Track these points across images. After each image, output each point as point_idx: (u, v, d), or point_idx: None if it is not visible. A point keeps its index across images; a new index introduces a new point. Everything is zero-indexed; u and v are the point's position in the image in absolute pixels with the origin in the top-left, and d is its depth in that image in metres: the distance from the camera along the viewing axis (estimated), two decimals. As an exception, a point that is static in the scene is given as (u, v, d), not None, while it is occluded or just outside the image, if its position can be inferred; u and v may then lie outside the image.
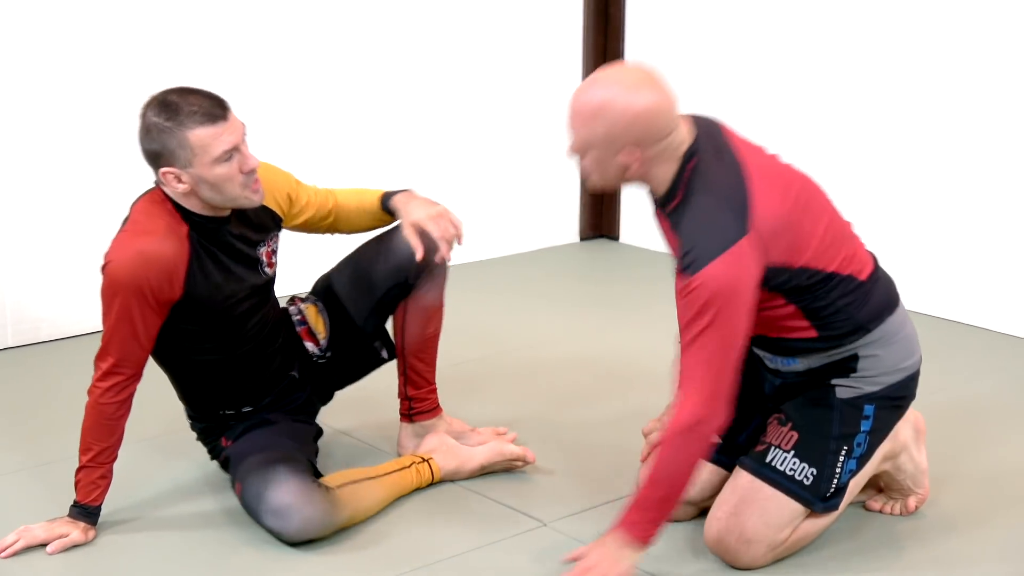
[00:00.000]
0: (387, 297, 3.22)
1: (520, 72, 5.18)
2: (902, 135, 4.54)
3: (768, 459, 2.85)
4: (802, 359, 2.88)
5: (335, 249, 3.38)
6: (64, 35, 4.13)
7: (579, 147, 2.68)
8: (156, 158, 2.85)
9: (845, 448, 2.85)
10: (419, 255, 3.12)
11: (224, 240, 2.97)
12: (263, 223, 3.07)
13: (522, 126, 5.22)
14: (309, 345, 3.23)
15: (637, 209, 5.36)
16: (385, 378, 3.44)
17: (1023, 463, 3.40)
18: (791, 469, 2.83)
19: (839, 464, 2.85)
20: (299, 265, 3.91)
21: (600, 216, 5.51)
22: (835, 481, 2.85)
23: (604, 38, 5.31)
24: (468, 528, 3.05)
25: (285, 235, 3.17)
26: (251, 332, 3.08)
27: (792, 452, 2.83)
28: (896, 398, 2.89)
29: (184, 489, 3.22)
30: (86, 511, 2.94)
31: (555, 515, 3.10)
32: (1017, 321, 4.33)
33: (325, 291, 3.27)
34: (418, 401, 3.35)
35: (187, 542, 2.99)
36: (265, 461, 2.97)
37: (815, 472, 2.83)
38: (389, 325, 3.31)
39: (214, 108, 2.83)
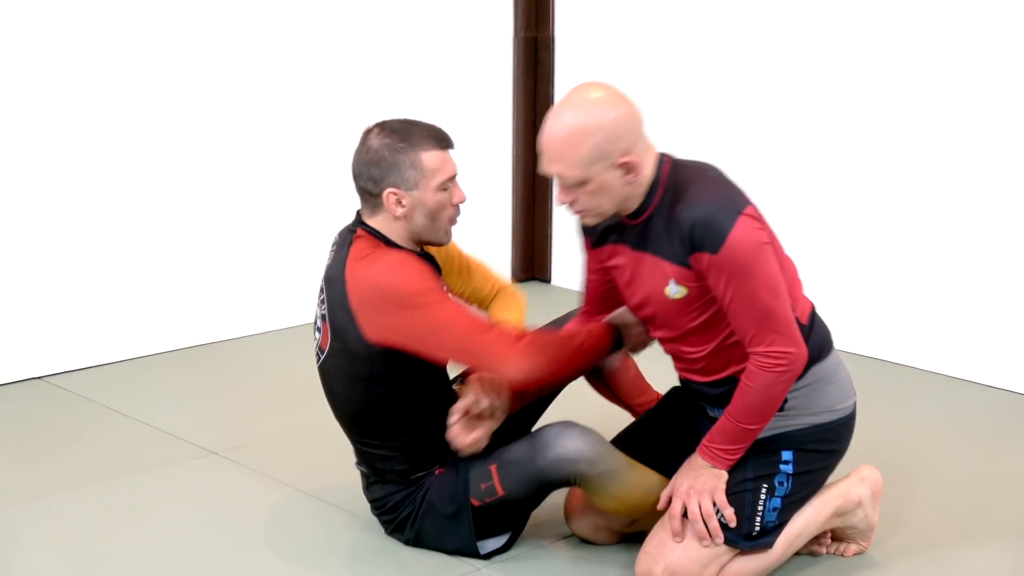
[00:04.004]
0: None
1: (452, 119, 5.13)
2: (834, 177, 4.62)
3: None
4: None
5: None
6: (31, 94, 4.14)
7: (578, 178, 2.73)
8: (380, 180, 2.88)
9: (765, 487, 2.89)
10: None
11: None
12: (439, 270, 3.07)
13: (454, 171, 5.25)
14: None
15: (569, 251, 5.41)
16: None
17: (961, 497, 3.47)
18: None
19: (760, 503, 2.89)
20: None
21: (532, 259, 5.55)
22: (758, 519, 2.89)
23: (534, 83, 5.37)
24: (404, 573, 3.04)
25: None
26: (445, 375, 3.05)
27: None
28: (822, 440, 2.93)
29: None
30: None
31: (492, 558, 3.10)
32: (951, 362, 4.41)
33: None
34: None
35: None
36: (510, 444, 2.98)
37: (734, 512, 2.87)
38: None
39: (443, 135, 2.92)
